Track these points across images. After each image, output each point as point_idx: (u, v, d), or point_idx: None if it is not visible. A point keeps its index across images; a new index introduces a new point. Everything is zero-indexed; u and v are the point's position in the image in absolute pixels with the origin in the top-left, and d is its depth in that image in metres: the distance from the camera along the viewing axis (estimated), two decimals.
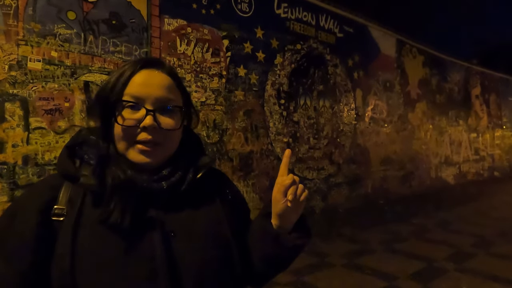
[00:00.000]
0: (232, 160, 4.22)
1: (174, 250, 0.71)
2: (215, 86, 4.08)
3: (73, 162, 0.75)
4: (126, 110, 0.73)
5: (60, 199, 0.72)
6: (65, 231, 0.68)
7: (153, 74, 0.76)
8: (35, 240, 0.68)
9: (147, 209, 0.73)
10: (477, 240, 4.71)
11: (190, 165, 0.79)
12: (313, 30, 5.36)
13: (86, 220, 0.70)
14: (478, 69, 10.22)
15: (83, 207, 0.71)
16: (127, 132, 0.72)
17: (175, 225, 0.74)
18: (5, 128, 2.66)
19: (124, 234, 0.69)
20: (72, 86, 3.00)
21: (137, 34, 3.44)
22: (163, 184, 0.74)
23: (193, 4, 3.90)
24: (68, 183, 0.74)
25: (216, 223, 0.80)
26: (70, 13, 3.02)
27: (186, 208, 0.77)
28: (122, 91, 0.73)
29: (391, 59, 6.97)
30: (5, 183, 2.65)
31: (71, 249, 0.67)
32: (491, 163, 10.49)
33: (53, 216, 0.70)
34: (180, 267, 0.71)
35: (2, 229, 0.71)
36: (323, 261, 3.92)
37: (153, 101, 0.73)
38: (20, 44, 2.76)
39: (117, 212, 0.68)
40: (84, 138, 0.77)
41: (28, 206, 0.71)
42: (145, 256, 0.69)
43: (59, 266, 0.67)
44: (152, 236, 0.70)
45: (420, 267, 3.73)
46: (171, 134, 0.76)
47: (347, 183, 5.77)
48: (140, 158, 0.73)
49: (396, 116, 6.98)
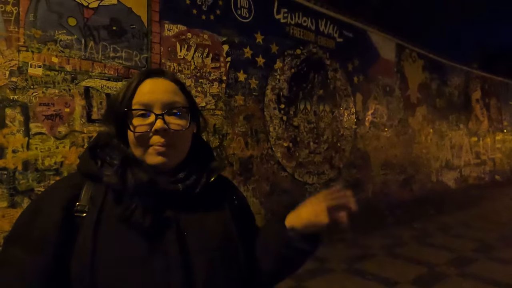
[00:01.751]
0: (232, 164, 4.22)
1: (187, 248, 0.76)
2: (215, 91, 4.09)
3: (95, 163, 0.79)
4: (137, 118, 0.78)
5: (82, 197, 0.76)
6: (87, 226, 0.72)
7: (157, 82, 0.81)
8: (58, 235, 0.71)
9: (164, 209, 0.77)
10: (479, 244, 4.69)
11: (203, 169, 0.84)
12: (312, 35, 5.38)
13: (107, 217, 0.73)
14: (478, 73, 10.24)
15: (104, 204, 0.75)
16: (140, 138, 0.77)
17: (188, 225, 0.79)
18: (6, 134, 2.67)
19: (143, 232, 0.73)
20: (73, 91, 3.02)
21: (137, 39, 3.46)
22: (179, 186, 0.78)
23: (193, 9, 3.93)
24: (90, 182, 0.78)
25: (224, 225, 0.84)
26: (70, 19, 3.04)
27: (197, 209, 0.82)
28: (130, 101, 0.79)
29: (391, 64, 6.98)
30: (5, 189, 2.65)
31: (93, 244, 0.70)
32: (492, 167, 10.47)
33: (76, 212, 0.74)
34: (192, 264, 0.75)
35: (27, 224, 0.74)
36: (323, 266, 3.90)
37: (161, 105, 0.78)
38: (21, 50, 2.78)
39: (139, 212, 0.73)
40: (106, 141, 0.81)
41: (52, 202, 0.75)
42: (161, 253, 0.73)
43: (80, 261, 0.70)
44: (168, 235, 0.75)
45: (421, 272, 3.71)
46: (181, 135, 0.80)
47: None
48: (157, 159, 0.77)
49: (396, 120, 6.98)
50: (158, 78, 0.82)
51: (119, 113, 0.79)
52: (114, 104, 0.82)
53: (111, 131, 0.82)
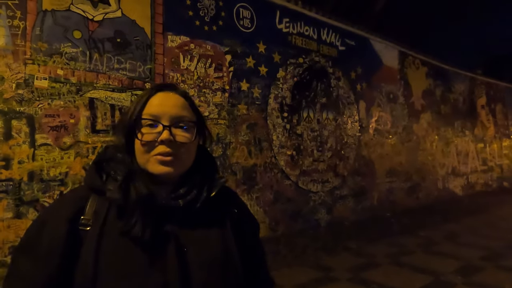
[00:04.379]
0: (236, 173, 4.23)
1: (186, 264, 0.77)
2: (218, 100, 4.13)
3: (100, 177, 0.82)
4: (145, 128, 0.82)
5: (87, 210, 0.79)
6: (90, 240, 0.75)
7: (168, 96, 0.86)
8: (63, 246, 0.74)
9: (164, 224, 0.79)
10: (486, 252, 4.62)
11: (205, 183, 0.86)
12: (315, 44, 5.42)
13: (110, 231, 0.76)
14: (483, 79, 10.18)
15: (107, 218, 0.78)
16: (146, 146, 0.80)
17: (188, 240, 0.80)
18: (12, 145, 2.72)
19: (143, 246, 0.75)
20: (78, 103, 3.07)
21: (141, 51, 3.52)
22: (180, 202, 0.80)
23: (196, 21, 3.99)
24: (95, 196, 0.81)
25: (223, 240, 0.85)
26: (76, 32, 3.11)
27: (198, 225, 0.83)
28: (141, 111, 0.83)
29: (394, 71, 6.99)
30: (11, 199, 2.69)
31: (94, 257, 0.73)
32: (500, 174, 10.33)
33: (80, 225, 0.77)
34: (190, 280, 0.76)
35: (34, 235, 0.77)
36: (328, 275, 3.87)
37: (169, 118, 0.82)
38: (27, 63, 2.84)
39: (139, 225, 0.74)
40: (111, 155, 0.85)
41: (58, 214, 0.78)
42: (160, 267, 0.75)
43: (82, 272, 0.72)
44: (167, 249, 0.77)
45: (427, 281, 3.67)
46: (186, 147, 0.83)
47: (352, 196, 5.72)
48: (160, 168, 0.80)
49: (400, 127, 6.96)
50: (170, 92, 0.86)
51: (129, 123, 0.82)
52: (126, 115, 0.86)
53: (119, 142, 0.85)
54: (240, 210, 0.96)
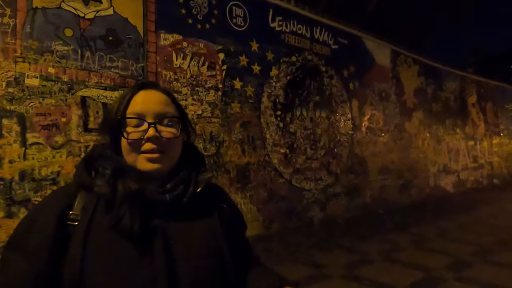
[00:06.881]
0: (230, 172, 4.23)
1: (173, 257, 0.78)
2: (212, 99, 4.13)
3: (89, 174, 0.82)
4: (130, 127, 0.82)
5: (75, 206, 0.80)
6: (77, 235, 0.75)
7: (150, 93, 0.87)
8: (52, 242, 0.75)
9: (152, 218, 0.80)
10: (476, 248, 4.69)
11: (191, 178, 0.87)
12: (308, 42, 5.44)
13: (97, 225, 0.77)
14: (474, 78, 10.32)
15: (94, 213, 0.78)
16: (133, 144, 0.82)
17: (175, 233, 0.81)
18: (2, 144, 2.69)
19: (130, 239, 0.76)
20: (69, 101, 3.04)
21: (134, 49, 3.50)
22: (167, 197, 0.81)
23: (189, 19, 3.98)
24: (84, 192, 0.82)
25: (211, 234, 0.86)
26: (67, 30, 3.08)
27: (185, 218, 0.84)
28: (125, 110, 0.84)
29: (386, 69, 7.04)
30: (2, 199, 2.66)
31: (82, 251, 0.73)
32: (490, 171, 10.49)
33: (69, 221, 0.78)
34: (178, 272, 0.77)
35: (24, 231, 0.78)
36: (321, 272, 3.89)
37: (153, 115, 0.83)
38: (17, 61, 2.81)
39: (127, 219, 0.75)
40: (100, 152, 0.85)
41: (47, 211, 0.79)
42: (147, 260, 0.75)
43: (70, 267, 0.73)
44: (154, 243, 0.77)
45: (419, 277, 3.71)
46: (172, 142, 0.85)
47: (345, 193, 5.77)
48: (148, 165, 0.81)
49: (392, 125, 7.02)
50: (151, 90, 0.87)
51: (114, 122, 0.83)
52: (109, 114, 0.86)
53: (106, 141, 0.86)
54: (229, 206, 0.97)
